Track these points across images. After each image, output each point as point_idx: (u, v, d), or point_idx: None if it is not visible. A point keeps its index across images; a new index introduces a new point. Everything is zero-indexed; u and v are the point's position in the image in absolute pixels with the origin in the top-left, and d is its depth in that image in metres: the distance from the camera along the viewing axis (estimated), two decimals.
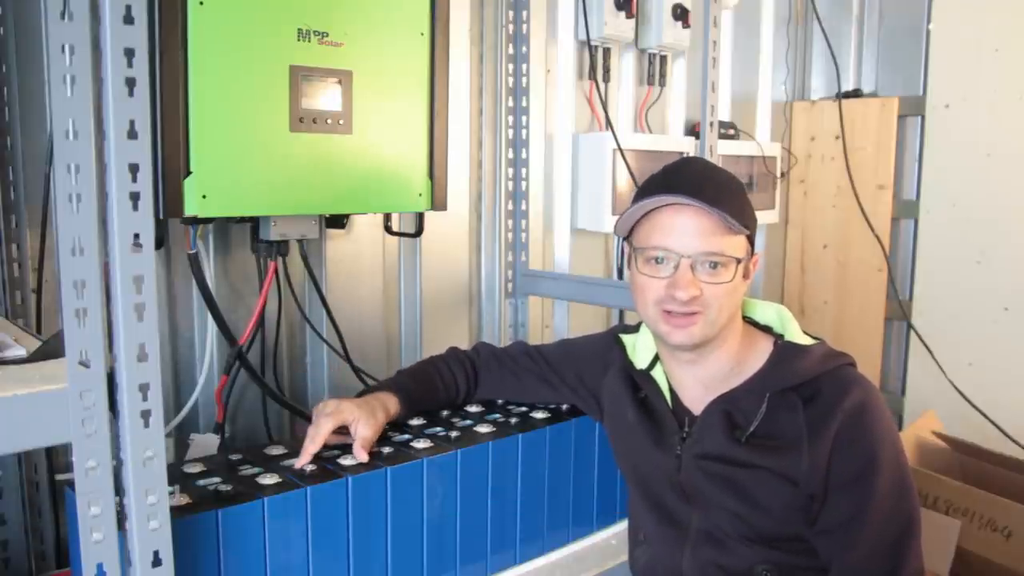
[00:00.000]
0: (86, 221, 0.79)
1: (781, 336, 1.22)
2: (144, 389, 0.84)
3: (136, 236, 0.82)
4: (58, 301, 1.18)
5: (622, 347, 1.35)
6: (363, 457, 1.19)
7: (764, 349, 1.21)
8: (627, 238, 1.21)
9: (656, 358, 1.29)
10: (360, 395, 1.33)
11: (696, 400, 1.23)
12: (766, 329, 1.25)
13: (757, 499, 1.15)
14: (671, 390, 1.26)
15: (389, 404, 1.31)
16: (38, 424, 0.79)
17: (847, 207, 2.85)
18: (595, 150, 2.19)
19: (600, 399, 1.38)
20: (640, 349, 1.32)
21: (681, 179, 1.15)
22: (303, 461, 1.17)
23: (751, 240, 1.18)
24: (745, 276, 1.17)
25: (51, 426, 0.79)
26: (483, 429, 1.35)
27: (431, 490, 1.23)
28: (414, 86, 1.47)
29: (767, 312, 1.27)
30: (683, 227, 1.12)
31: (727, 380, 1.20)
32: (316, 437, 1.19)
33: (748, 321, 1.26)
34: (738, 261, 1.14)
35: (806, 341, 1.21)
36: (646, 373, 1.29)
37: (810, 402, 1.14)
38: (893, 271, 2.80)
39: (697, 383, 1.23)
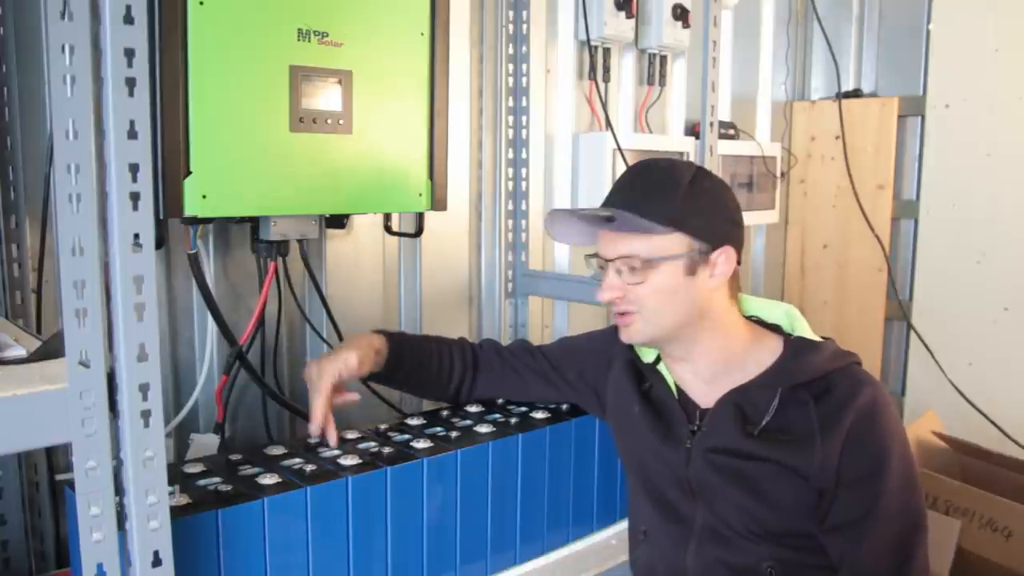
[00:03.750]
0: (86, 221, 0.79)
1: (790, 334, 1.23)
2: (144, 389, 0.84)
3: (136, 236, 0.82)
4: (58, 301, 1.18)
5: None
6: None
7: (773, 346, 1.21)
8: None
9: None
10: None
11: (700, 394, 1.24)
12: (774, 328, 1.25)
13: (766, 493, 1.16)
14: (677, 384, 1.27)
15: (374, 340, 1.33)
16: (38, 424, 0.79)
17: (847, 207, 2.85)
18: (595, 150, 2.19)
19: (602, 395, 1.38)
20: None
21: (611, 191, 1.22)
22: (333, 441, 1.24)
23: (704, 235, 1.15)
24: (692, 273, 1.16)
25: (51, 426, 0.79)
26: (483, 429, 1.35)
27: (431, 490, 1.23)
28: (414, 86, 1.47)
29: (775, 311, 1.27)
30: (605, 235, 1.19)
31: (729, 375, 1.21)
32: (315, 416, 1.22)
33: (755, 320, 1.26)
34: (664, 259, 1.14)
35: (816, 339, 1.22)
36: (652, 367, 1.30)
37: (821, 399, 1.15)
38: (893, 271, 2.80)
39: (696, 378, 1.24)
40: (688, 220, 1.15)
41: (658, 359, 1.30)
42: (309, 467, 1.16)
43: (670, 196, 1.15)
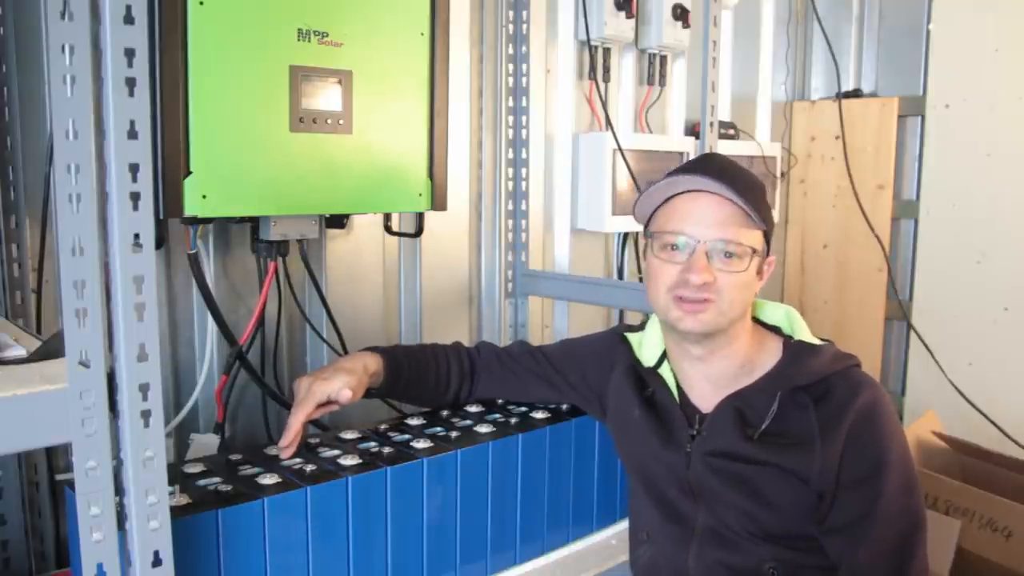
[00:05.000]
0: (86, 221, 0.79)
1: (790, 337, 1.23)
2: (144, 389, 0.84)
3: (136, 236, 0.82)
4: (58, 301, 1.18)
5: (628, 345, 1.35)
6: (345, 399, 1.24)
7: (774, 349, 1.21)
8: (645, 226, 1.23)
9: (663, 356, 1.29)
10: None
11: (704, 398, 1.23)
12: (774, 329, 1.26)
13: (766, 496, 1.16)
14: (679, 387, 1.26)
15: (369, 362, 1.32)
16: (38, 424, 0.79)
17: (847, 207, 2.85)
18: (595, 150, 2.19)
19: (603, 398, 1.38)
20: (647, 346, 1.32)
21: (705, 168, 1.16)
22: (287, 455, 1.20)
23: (768, 240, 1.19)
24: (759, 274, 1.18)
25: (51, 426, 0.79)
26: (483, 429, 1.35)
27: (431, 490, 1.23)
28: (414, 86, 1.47)
29: (775, 313, 1.27)
30: (701, 214, 1.14)
31: (736, 379, 1.21)
32: (290, 430, 1.21)
33: (756, 321, 1.26)
34: (754, 253, 1.15)
35: (816, 341, 1.22)
36: (653, 371, 1.30)
37: (821, 401, 1.15)
38: (893, 271, 2.80)
39: (706, 381, 1.23)
40: (768, 224, 1.18)
41: (659, 363, 1.30)
42: (309, 467, 1.16)
43: (763, 196, 1.18)
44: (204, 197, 1.23)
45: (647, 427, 1.26)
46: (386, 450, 1.23)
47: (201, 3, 1.20)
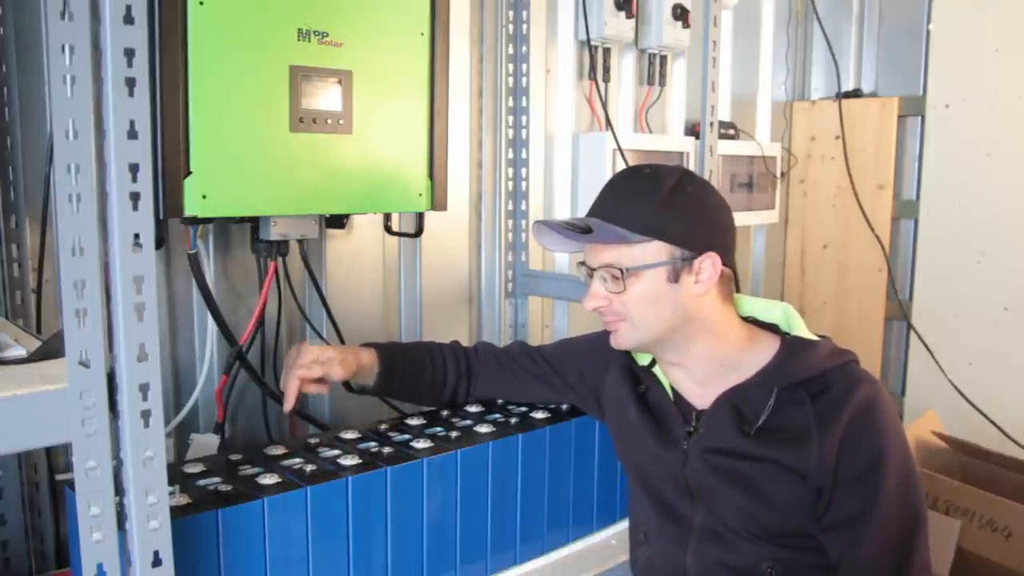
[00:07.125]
0: (86, 221, 0.79)
1: (787, 334, 1.23)
2: (144, 389, 0.84)
3: (136, 236, 0.82)
4: (58, 301, 1.18)
5: None
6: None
7: (769, 346, 1.21)
8: None
9: None
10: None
11: (696, 396, 1.23)
12: (772, 328, 1.25)
13: (764, 493, 1.16)
14: (672, 386, 1.27)
15: (363, 355, 1.35)
16: (38, 424, 0.79)
17: (847, 207, 2.85)
18: (595, 150, 2.19)
19: (601, 398, 1.38)
20: None
21: (594, 200, 1.22)
22: (288, 408, 1.27)
23: (683, 242, 1.15)
24: (674, 279, 1.15)
25: (51, 426, 0.79)
26: (483, 429, 1.35)
27: (431, 490, 1.23)
28: (414, 86, 1.47)
29: (772, 311, 1.27)
30: (589, 245, 1.20)
31: (723, 376, 1.21)
32: (289, 395, 1.26)
33: (751, 320, 1.26)
34: (652, 266, 1.14)
35: (813, 337, 1.22)
36: (648, 369, 1.30)
37: (818, 397, 1.15)
38: (893, 271, 2.80)
39: (689, 380, 1.24)
40: (667, 228, 1.14)
41: (653, 362, 1.30)
42: (309, 467, 1.16)
43: (648, 204, 1.15)
44: (204, 197, 1.23)
45: (643, 426, 1.26)
46: (386, 450, 1.23)
47: (201, 3, 1.20)
